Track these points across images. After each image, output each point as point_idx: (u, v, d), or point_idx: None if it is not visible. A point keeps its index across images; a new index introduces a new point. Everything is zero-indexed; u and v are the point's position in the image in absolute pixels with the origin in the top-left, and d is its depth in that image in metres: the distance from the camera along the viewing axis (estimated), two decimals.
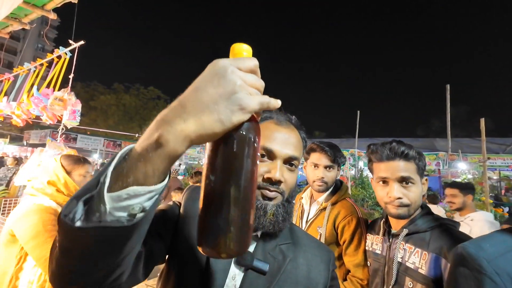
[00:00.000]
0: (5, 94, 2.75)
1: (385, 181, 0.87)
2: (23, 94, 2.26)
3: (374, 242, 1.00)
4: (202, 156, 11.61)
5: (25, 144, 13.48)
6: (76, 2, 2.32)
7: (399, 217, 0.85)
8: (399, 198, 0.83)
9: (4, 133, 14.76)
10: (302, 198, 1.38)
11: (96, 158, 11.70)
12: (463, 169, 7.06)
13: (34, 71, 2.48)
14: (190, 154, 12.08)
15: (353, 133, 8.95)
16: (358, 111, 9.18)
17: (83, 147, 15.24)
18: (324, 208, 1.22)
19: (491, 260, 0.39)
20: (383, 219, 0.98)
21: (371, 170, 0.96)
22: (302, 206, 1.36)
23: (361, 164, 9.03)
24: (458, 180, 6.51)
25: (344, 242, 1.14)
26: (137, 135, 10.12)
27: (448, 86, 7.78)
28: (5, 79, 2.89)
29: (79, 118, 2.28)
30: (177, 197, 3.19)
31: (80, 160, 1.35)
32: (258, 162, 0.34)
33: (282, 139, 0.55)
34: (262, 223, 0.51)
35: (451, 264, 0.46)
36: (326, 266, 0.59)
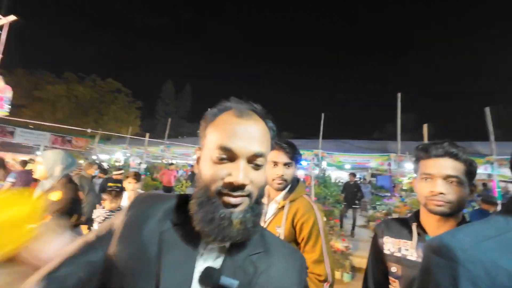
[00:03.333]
0: None
1: (429, 177, 0.84)
2: None
3: (402, 247, 0.91)
4: (165, 155, 11.00)
5: None
6: None
7: (440, 213, 0.81)
8: (442, 193, 0.80)
9: None
10: None
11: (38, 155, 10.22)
12: (409, 168, 7.90)
13: None
14: (153, 152, 11.36)
15: (319, 134, 9.40)
16: (323, 114, 9.71)
17: (23, 142, 13.28)
18: (282, 207, 1.20)
19: (466, 249, 0.39)
20: (415, 223, 0.92)
21: (416, 170, 0.91)
22: None
23: (324, 164, 9.53)
24: (405, 178, 7.24)
25: (302, 240, 1.14)
26: (89, 130, 9.04)
27: (399, 95, 8.66)
28: None
29: (8, 107, 1.92)
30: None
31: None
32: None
33: (244, 134, 0.47)
34: (228, 235, 0.44)
35: (425, 254, 0.45)
36: (299, 275, 0.53)
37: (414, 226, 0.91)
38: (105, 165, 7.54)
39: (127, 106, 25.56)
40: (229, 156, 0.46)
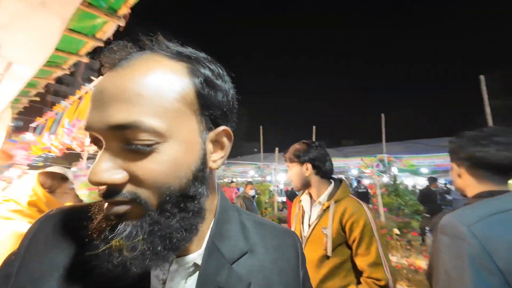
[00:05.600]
0: (49, 130, 3.23)
1: None
2: (59, 127, 2.65)
3: None
4: (226, 174, 11.79)
5: None
6: (102, 45, 2.70)
7: None
8: None
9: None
10: (301, 200, 1.33)
11: None
12: None
13: (69, 107, 2.92)
14: (216, 172, 12.36)
15: (381, 138, 8.44)
16: (383, 114, 8.75)
17: None
18: (328, 207, 1.15)
19: (471, 224, 0.38)
20: None
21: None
22: (302, 208, 1.30)
23: (394, 170, 8.40)
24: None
25: (354, 241, 1.07)
26: None
27: (482, 77, 7.08)
28: (49, 117, 3.41)
29: None
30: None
31: (62, 177, 1.28)
32: None
33: (101, 96, 0.28)
34: (114, 265, 0.27)
35: (436, 236, 0.44)
36: (295, 272, 0.41)
37: None
38: None
39: None
40: (94, 140, 0.30)
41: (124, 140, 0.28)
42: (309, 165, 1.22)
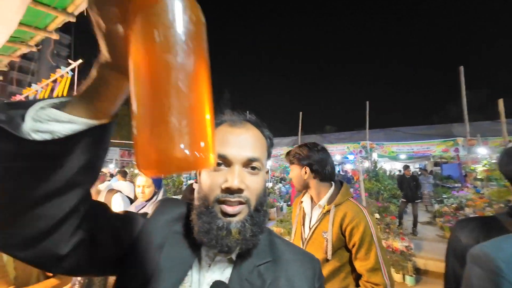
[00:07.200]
0: None
1: None
2: None
3: None
4: None
5: None
6: (74, 21, 2.40)
7: None
8: None
9: None
10: (302, 202, 1.32)
11: (112, 168, 12.08)
12: (483, 154, 6.65)
13: (42, 91, 2.63)
14: None
15: (365, 125, 8.70)
16: (367, 102, 8.95)
17: None
18: (328, 211, 1.15)
19: (510, 261, 0.36)
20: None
21: None
22: (303, 210, 1.30)
23: (374, 156, 8.78)
24: (479, 166, 6.14)
25: (353, 246, 1.07)
26: None
27: (461, 68, 7.40)
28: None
29: None
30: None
31: None
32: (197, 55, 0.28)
33: (237, 141, 0.50)
34: (227, 245, 0.45)
35: (467, 264, 0.42)
36: (310, 283, 0.52)
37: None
38: None
39: None
40: (225, 162, 0.49)
41: (248, 165, 0.50)
42: (307, 169, 1.21)
